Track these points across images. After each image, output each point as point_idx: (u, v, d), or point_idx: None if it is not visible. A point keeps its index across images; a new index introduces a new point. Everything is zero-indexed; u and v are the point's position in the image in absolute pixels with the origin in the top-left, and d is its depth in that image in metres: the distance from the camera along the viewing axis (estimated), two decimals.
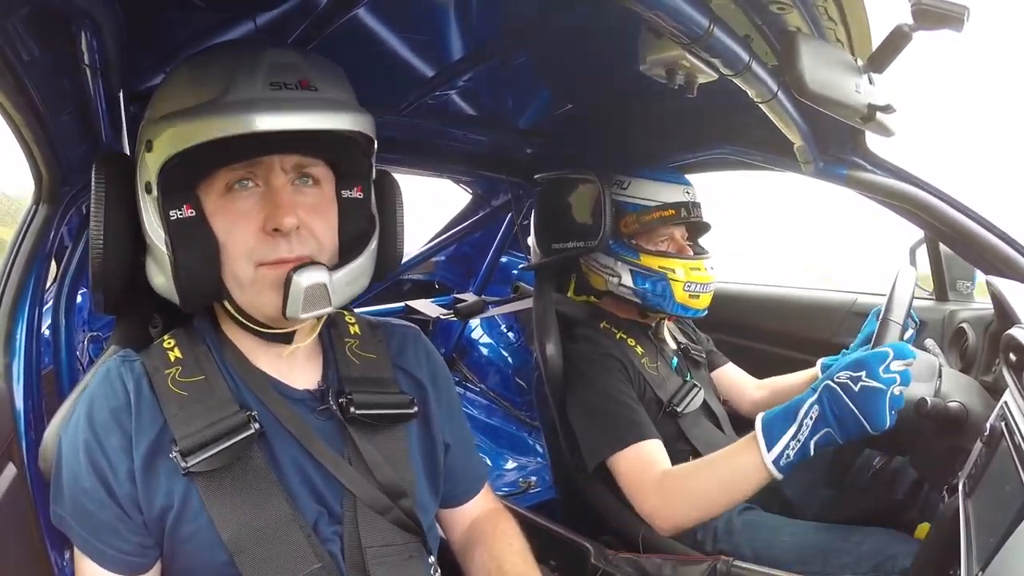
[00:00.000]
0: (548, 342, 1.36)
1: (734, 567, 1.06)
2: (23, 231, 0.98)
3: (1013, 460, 0.68)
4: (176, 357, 0.74)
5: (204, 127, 0.63)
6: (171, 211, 0.67)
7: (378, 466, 0.76)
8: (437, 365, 0.91)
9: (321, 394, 0.78)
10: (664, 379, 1.33)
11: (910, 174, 1.22)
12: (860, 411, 0.91)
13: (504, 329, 2.58)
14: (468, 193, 2.38)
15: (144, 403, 0.70)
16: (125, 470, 0.68)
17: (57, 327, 1.07)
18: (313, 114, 0.65)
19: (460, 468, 0.91)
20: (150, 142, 0.67)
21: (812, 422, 0.95)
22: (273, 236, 0.68)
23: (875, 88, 0.83)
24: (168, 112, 0.67)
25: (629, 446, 1.16)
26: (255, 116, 0.63)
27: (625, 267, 1.33)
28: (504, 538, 0.88)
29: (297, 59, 0.68)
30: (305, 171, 0.71)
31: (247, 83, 0.65)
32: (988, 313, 1.39)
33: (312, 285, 0.68)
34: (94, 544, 0.68)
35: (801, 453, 0.96)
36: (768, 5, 0.69)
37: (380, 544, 0.74)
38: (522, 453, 2.27)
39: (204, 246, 0.68)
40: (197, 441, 0.68)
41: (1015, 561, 0.59)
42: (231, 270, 0.69)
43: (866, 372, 0.91)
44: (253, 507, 0.69)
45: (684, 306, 1.32)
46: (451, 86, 1.19)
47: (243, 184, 0.69)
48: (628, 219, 1.34)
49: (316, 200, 0.72)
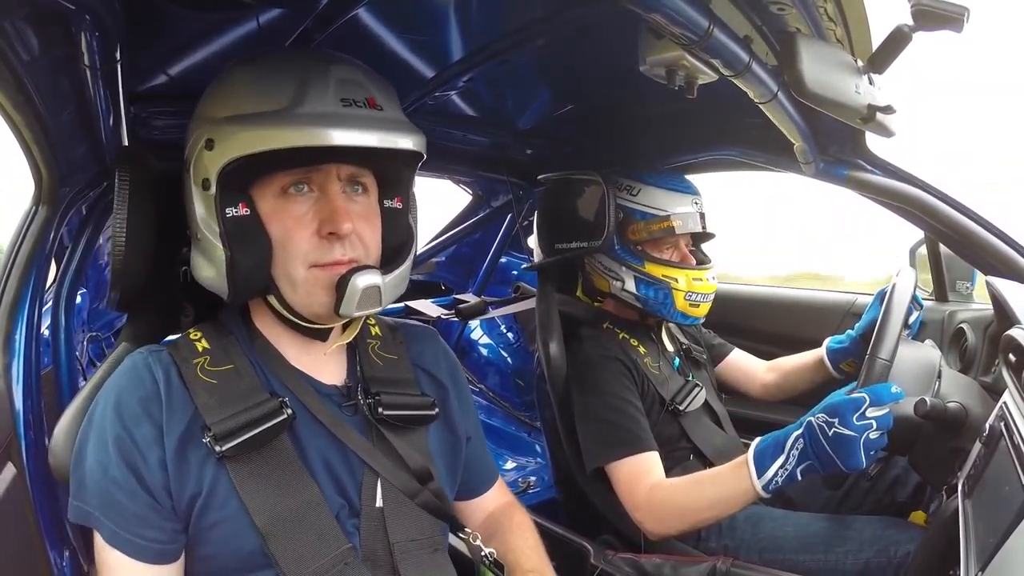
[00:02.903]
0: (551, 342, 1.37)
1: (734, 567, 1.06)
2: (23, 232, 0.98)
3: (1012, 460, 0.68)
4: (204, 347, 0.76)
5: (278, 135, 0.66)
6: (227, 208, 0.70)
7: (407, 454, 0.79)
8: (454, 364, 0.95)
9: (348, 391, 0.81)
10: (666, 378, 1.34)
11: (910, 174, 1.22)
12: (834, 453, 0.94)
13: (504, 330, 2.58)
14: (468, 193, 2.38)
15: (174, 392, 0.72)
16: (156, 459, 0.69)
17: (57, 327, 1.07)
18: (381, 133, 0.69)
19: (476, 460, 0.94)
20: (211, 141, 0.69)
21: (798, 453, 0.99)
22: (328, 240, 0.71)
23: (875, 89, 0.83)
24: (234, 114, 0.69)
25: (625, 457, 1.18)
26: (330, 131, 0.66)
27: (629, 272, 1.34)
28: (520, 532, 0.91)
29: (362, 77, 0.72)
30: (357, 179, 0.75)
31: (319, 96, 0.67)
32: (988, 314, 1.39)
33: (368, 286, 0.71)
34: (124, 536, 0.69)
35: (789, 479, 1.00)
36: (768, 6, 0.70)
37: (407, 539, 0.77)
38: (522, 453, 2.27)
39: (259, 245, 0.71)
40: (230, 426, 0.69)
41: (1015, 561, 0.59)
42: (285, 270, 0.72)
43: (839, 420, 0.94)
44: (284, 492, 0.71)
45: (684, 314, 1.33)
46: (451, 86, 1.19)
47: (299, 188, 0.72)
48: (637, 226, 1.34)
49: (364, 208, 0.76)
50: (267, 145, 0.66)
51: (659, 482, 1.16)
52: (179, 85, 0.98)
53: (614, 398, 1.24)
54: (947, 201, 1.21)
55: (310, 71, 0.69)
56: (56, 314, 1.07)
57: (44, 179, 0.95)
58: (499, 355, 2.57)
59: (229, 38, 0.90)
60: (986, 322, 1.38)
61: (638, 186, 1.35)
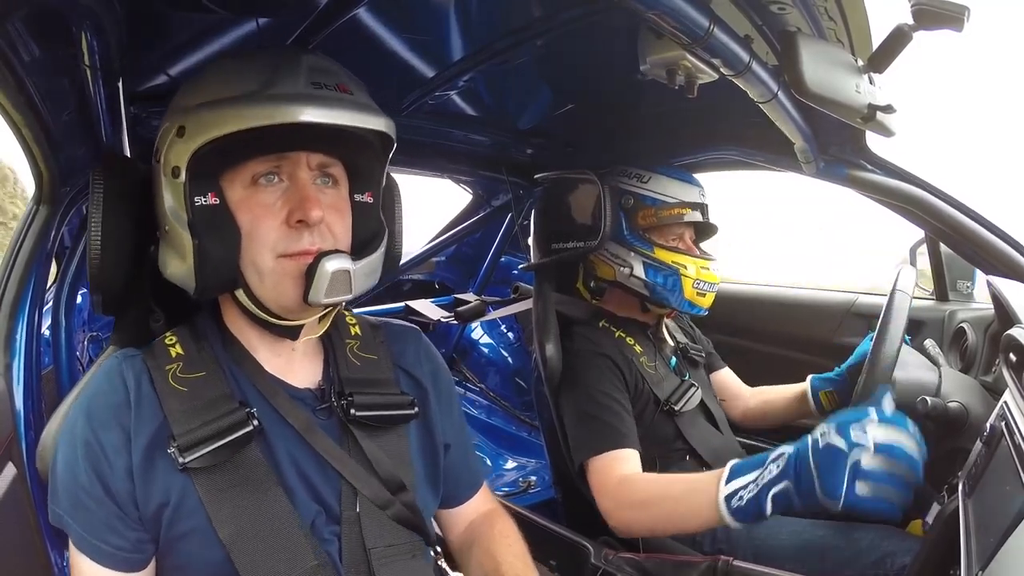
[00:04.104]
0: (547, 342, 1.37)
1: (734, 567, 1.06)
2: (23, 231, 0.98)
3: (1013, 460, 0.68)
4: (178, 353, 0.74)
5: (249, 115, 0.65)
6: (196, 197, 0.69)
7: (379, 461, 0.77)
8: (438, 365, 0.92)
9: (322, 393, 0.79)
10: (662, 378, 1.33)
11: (910, 174, 1.22)
12: (816, 468, 0.82)
13: (504, 329, 2.59)
14: (468, 193, 2.38)
15: (144, 399, 0.71)
16: (123, 467, 0.68)
17: (57, 327, 1.07)
18: (352, 112, 0.69)
19: (458, 468, 0.91)
20: (183, 128, 0.68)
21: (777, 469, 0.87)
22: (297, 228, 0.70)
23: (875, 88, 0.83)
24: (206, 100, 0.68)
25: (604, 452, 1.17)
26: (300, 108, 0.65)
27: (638, 258, 1.33)
28: (502, 539, 0.88)
29: (334, 66, 0.72)
30: (327, 171, 0.74)
31: (290, 79, 0.68)
32: (988, 313, 1.39)
33: (337, 271, 0.70)
34: (91, 541, 0.68)
35: (755, 503, 0.88)
36: (768, 5, 0.69)
37: (384, 544, 0.75)
38: (522, 453, 2.27)
39: (227, 234, 0.70)
40: (195, 437, 0.68)
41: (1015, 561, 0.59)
42: (252, 260, 0.70)
43: (835, 427, 0.82)
44: (251, 504, 0.69)
45: (691, 303, 1.33)
46: (451, 86, 1.19)
47: (269, 178, 0.71)
48: (646, 212, 1.34)
49: (335, 199, 0.74)
50: (238, 125, 0.65)
51: (631, 475, 1.13)
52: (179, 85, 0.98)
53: (597, 393, 1.23)
54: (948, 200, 1.21)
55: (281, 59, 0.69)
56: (57, 314, 1.07)
57: (44, 179, 0.95)
58: (499, 355, 2.58)
59: (229, 38, 0.90)
60: (987, 322, 1.38)
61: (648, 174, 1.36)
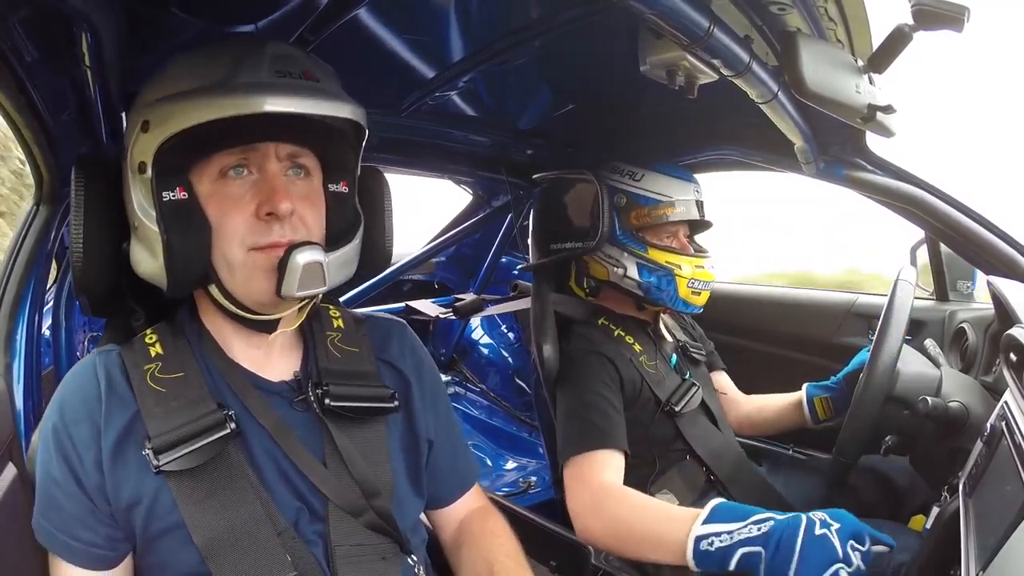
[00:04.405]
0: (545, 344, 1.36)
1: None
2: (23, 232, 0.98)
3: (1013, 460, 0.68)
4: (157, 353, 0.73)
5: (212, 106, 0.64)
6: (164, 192, 0.67)
7: (354, 461, 0.75)
8: (422, 359, 0.90)
9: (298, 384, 0.78)
10: (663, 377, 1.32)
11: (910, 174, 1.22)
12: (800, 551, 0.82)
13: (504, 330, 2.58)
14: (468, 193, 2.38)
15: (115, 392, 0.70)
16: (92, 460, 0.67)
17: (57, 327, 1.07)
18: (318, 100, 0.67)
19: (446, 467, 0.89)
20: (147, 123, 0.67)
21: (757, 531, 0.86)
22: (267, 221, 0.69)
23: (875, 88, 0.83)
24: (169, 94, 0.67)
25: (586, 452, 1.14)
26: (265, 97, 0.64)
27: (632, 259, 1.32)
28: (493, 537, 0.87)
29: (299, 54, 0.71)
30: (297, 161, 0.72)
31: (253, 69, 0.66)
32: (988, 313, 1.39)
33: (309, 263, 0.68)
34: (61, 539, 0.68)
35: (722, 555, 0.87)
36: (768, 6, 0.69)
37: (351, 543, 0.73)
38: (522, 453, 2.27)
39: (197, 229, 0.68)
40: (170, 439, 0.67)
41: (1015, 561, 0.59)
42: (222, 253, 0.69)
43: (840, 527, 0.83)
44: (226, 509, 0.68)
45: (685, 302, 1.31)
46: (451, 87, 1.19)
47: (238, 171, 0.70)
48: (640, 212, 1.32)
49: (306, 190, 0.73)
50: (200, 117, 0.64)
51: (613, 485, 1.10)
52: None
53: (588, 392, 1.21)
54: (948, 201, 1.21)
55: (244, 49, 0.68)
56: (57, 314, 1.07)
57: (44, 179, 0.95)
58: (500, 355, 2.57)
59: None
60: (987, 322, 1.38)
61: (640, 172, 1.33)
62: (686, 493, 1.26)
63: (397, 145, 1.48)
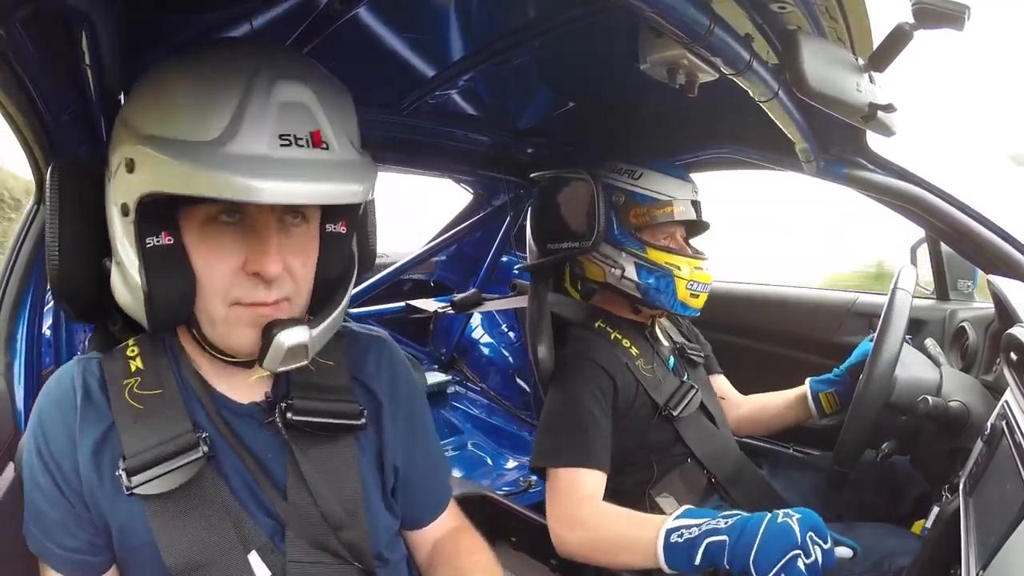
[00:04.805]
0: (540, 344, 1.34)
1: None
2: (24, 231, 0.98)
3: (1014, 459, 0.68)
4: (137, 367, 0.72)
5: (200, 179, 0.57)
6: (148, 238, 0.63)
7: (319, 491, 0.73)
8: (399, 379, 0.85)
9: (269, 405, 0.75)
10: (660, 381, 1.30)
11: (911, 173, 1.22)
12: (760, 537, 0.85)
13: (505, 329, 2.58)
14: (468, 193, 2.38)
15: (92, 403, 0.69)
16: (70, 468, 0.67)
17: (57, 327, 1.07)
18: (323, 184, 0.60)
19: (420, 491, 0.87)
20: (132, 161, 0.62)
21: (724, 524, 0.90)
22: (252, 278, 0.65)
23: (876, 87, 0.83)
24: (159, 135, 0.60)
25: (570, 467, 1.14)
26: (260, 184, 0.56)
27: (630, 259, 1.29)
28: (468, 555, 0.86)
29: (310, 97, 0.62)
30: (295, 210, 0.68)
31: (255, 130, 0.59)
32: (989, 312, 1.39)
33: (294, 345, 0.66)
34: (46, 545, 0.68)
35: (689, 545, 0.91)
36: (769, 4, 0.69)
37: (309, 560, 0.72)
38: (522, 453, 2.27)
39: (181, 278, 0.65)
40: (143, 460, 0.66)
41: (1015, 561, 0.59)
42: (203, 305, 0.67)
43: (800, 519, 0.86)
44: (197, 532, 0.67)
45: (683, 304, 1.29)
46: (451, 86, 1.19)
47: (229, 214, 0.65)
48: (639, 210, 1.30)
49: (301, 240, 0.69)
50: (185, 189, 0.58)
51: (589, 501, 1.11)
52: None
53: (576, 403, 1.19)
54: (948, 200, 1.20)
55: (252, 89, 0.60)
56: (57, 314, 1.07)
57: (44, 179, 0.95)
58: (500, 354, 2.58)
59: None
60: (987, 321, 1.38)
61: (639, 170, 1.31)
62: (687, 496, 1.25)
63: (397, 144, 1.48)
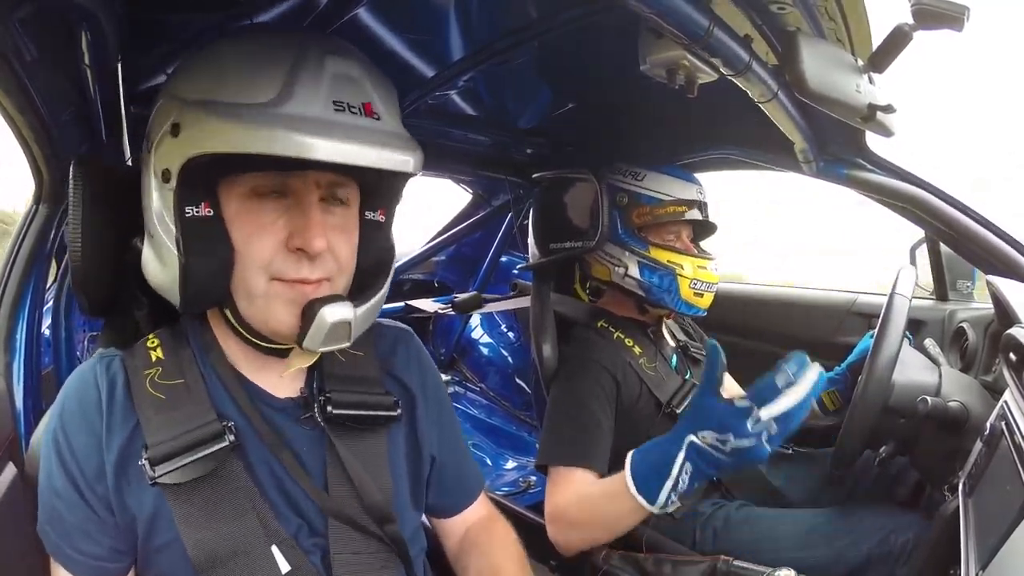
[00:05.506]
0: (544, 343, 1.35)
1: (734, 567, 1.06)
2: (23, 231, 0.98)
3: (1013, 459, 0.68)
4: (158, 358, 0.70)
5: (254, 136, 0.56)
6: (187, 207, 0.62)
7: (363, 484, 0.72)
8: (428, 371, 0.87)
9: (305, 401, 0.74)
10: (663, 379, 1.31)
11: (910, 174, 1.22)
12: (737, 461, 0.93)
13: (504, 329, 2.58)
14: (468, 193, 2.38)
15: (116, 403, 0.67)
16: (94, 470, 0.65)
17: (57, 327, 1.07)
18: (377, 149, 0.60)
19: (452, 479, 0.88)
20: (177, 126, 0.60)
21: (689, 475, 0.95)
22: (296, 253, 0.64)
23: (875, 88, 0.83)
24: (208, 99, 0.59)
25: (570, 467, 1.16)
26: (316, 141, 0.56)
27: (633, 258, 1.31)
28: (500, 544, 0.88)
29: (361, 74, 0.63)
30: (337, 193, 0.67)
31: (309, 95, 0.59)
32: (988, 313, 1.39)
33: (338, 322, 0.65)
34: (65, 550, 0.67)
35: (687, 494, 0.98)
36: (768, 5, 0.69)
37: (349, 552, 0.72)
38: (522, 453, 2.27)
39: (219, 251, 0.63)
40: (167, 450, 0.65)
41: (1015, 561, 0.59)
42: (243, 280, 0.64)
43: (733, 433, 0.91)
44: (222, 524, 0.66)
45: (688, 303, 1.30)
46: (451, 86, 1.19)
47: (274, 188, 0.64)
48: (642, 210, 1.32)
49: (343, 220, 0.68)
50: (239, 147, 0.57)
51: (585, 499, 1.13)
52: None
53: (579, 404, 1.21)
54: (947, 200, 1.21)
55: (304, 60, 0.60)
56: (57, 314, 1.07)
57: (44, 179, 0.95)
58: (500, 354, 2.58)
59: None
60: (987, 321, 1.38)
61: (643, 171, 1.33)
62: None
63: None
